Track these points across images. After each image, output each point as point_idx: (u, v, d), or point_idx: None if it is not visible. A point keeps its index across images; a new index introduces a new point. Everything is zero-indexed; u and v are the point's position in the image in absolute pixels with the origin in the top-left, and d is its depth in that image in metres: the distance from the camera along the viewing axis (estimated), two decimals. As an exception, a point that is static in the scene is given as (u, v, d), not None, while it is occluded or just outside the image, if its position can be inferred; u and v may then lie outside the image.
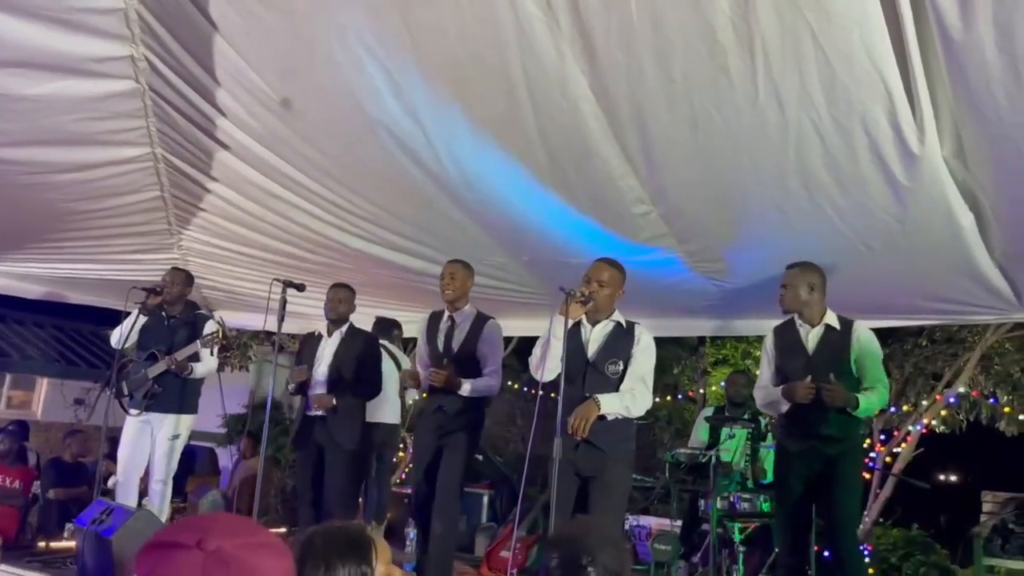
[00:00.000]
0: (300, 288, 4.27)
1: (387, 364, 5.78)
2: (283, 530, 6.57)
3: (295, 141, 4.19)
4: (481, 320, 4.36)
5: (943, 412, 6.88)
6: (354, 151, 4.20)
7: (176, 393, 5.01)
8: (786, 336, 3.85)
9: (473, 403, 4.28)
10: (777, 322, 6.04)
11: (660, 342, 3.72)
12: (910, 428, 6.63)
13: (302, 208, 4.83)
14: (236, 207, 5.04)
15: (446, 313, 4.48)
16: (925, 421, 6.74)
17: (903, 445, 6.63)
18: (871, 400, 3.63)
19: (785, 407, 3.80)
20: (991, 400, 6.85)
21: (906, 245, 3.90)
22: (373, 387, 4.84)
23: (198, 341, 4.93)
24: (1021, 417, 6.76)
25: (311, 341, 4.93)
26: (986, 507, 5.54)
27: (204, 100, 3.98)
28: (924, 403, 6.79)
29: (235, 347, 9.13)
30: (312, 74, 3.71)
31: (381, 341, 5.77)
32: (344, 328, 4.83)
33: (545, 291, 5.51)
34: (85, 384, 10.60)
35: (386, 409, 5.66)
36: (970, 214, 3.62)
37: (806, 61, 2.89)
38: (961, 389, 6.73)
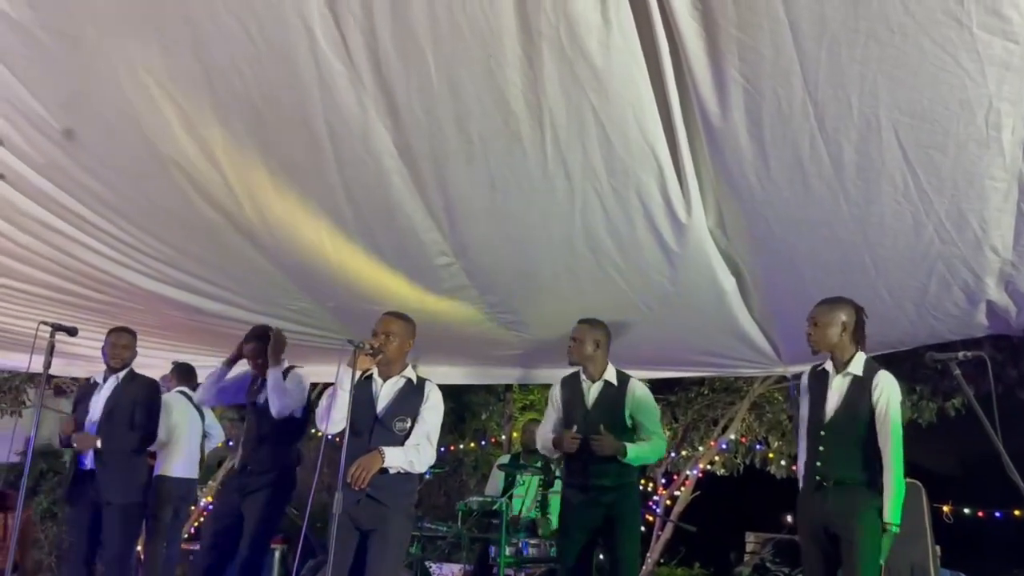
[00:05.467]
0: (72, 332, 3.98)
1: (189, 413, 5.48)
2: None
3: (79, 174, 3.94)
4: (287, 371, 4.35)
5: (717, 457, 7.48)
6: (143, 187, 4.01)
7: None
8: (570, 388, 4.06)
9: (280, 459, 4.16)
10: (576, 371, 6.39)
11: (470, 389, 3.81)
12: (688, 472, 7.14)
13: (85, 244, 4.53)
14: (9, 239, 4.63)
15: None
16: (701, 465, 7.29)
17: (682, 489, 7.12)
18: (643, 449, 3.86)
19: (557, 453, 4.01)
20: (758, 446, 7.54)
21: (680, 305, 4.28)
22: (144, 437, 4.54)
23: None
24: (783, 462, 7.48)
25: (87, 389, 4.62)
26: (749, 547, 6.05)
27: (-25, 126, 3.68)
28: (702, 448, 7.35)
29: (6, 390, 8.31)
30: (98, 105, 3.53)
31: (182, 388, 5.46)
32: (122, 374, 4.55)
33: (352, 337, 5.47)
34: None
35: (184, 462, 5.36)
36: (732, 278, 4.04)
37: (588, 135, 3.15)
38: (732, 436, 7.35)
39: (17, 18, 3.14)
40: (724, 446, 7.38)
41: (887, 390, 3.29)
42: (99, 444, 4.31)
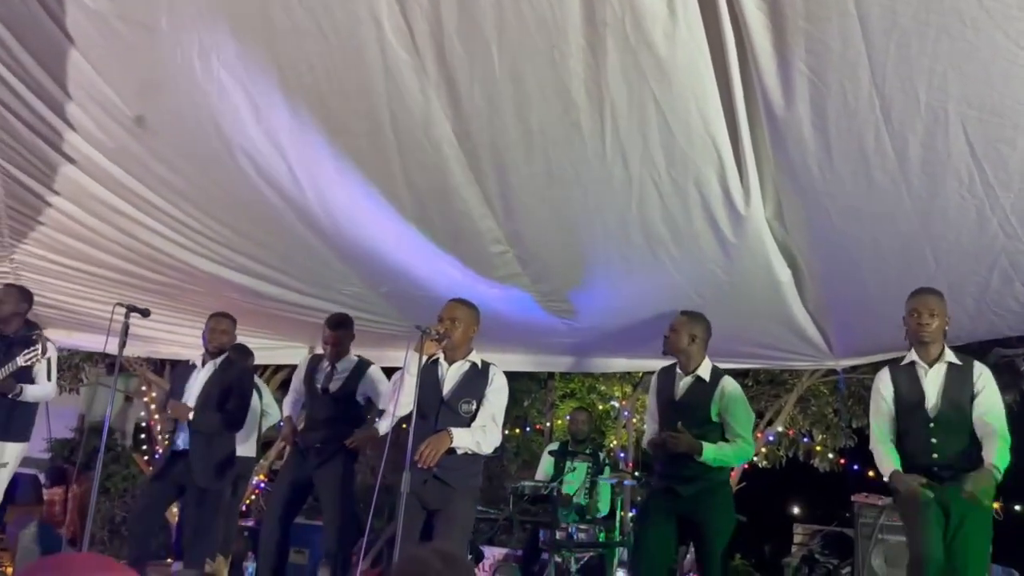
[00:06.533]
0: (145, 314, 4.12)
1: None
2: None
3: (148, 159, 4.08)
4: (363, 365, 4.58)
5: (764, 449, 7.45)
6: (210, 173, 4.13)
7: (2, 417, 4.65)
8: (664, 380, 4.01)
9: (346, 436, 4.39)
10: (624, 361, 6.41)
11: (512, 376, 3.85)
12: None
13: (150, 227, 4.67)
14: (79, 223, 4.80)
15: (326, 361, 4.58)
16: (748, 457, 7.26)
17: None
18: (724, 452, 3.73)
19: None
20: (805, 439, 7.49)
21: (733, 295, 4.27)
22: (235, 421, 4.66)
23: (18, 358, 4.60)
24: (831, 456, 7.43)
25: (183, 371, 4.77)
26: (797, 539, 6.04)
27: (52, 112, 3.81)
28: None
29: (65, 368, 8.57)
30: (170, 93, 3.64)
31: None
32: (220, 359, 4.68)
33: (402, 322, 5.57)
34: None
35: (243, 441, 5.47)
36: (788, 270, 4.03)
37: (649, 124, 3.17)
38: (779, 428, 7.31)
39: (94, 8, 3.25)
40: (771, 438, 7.35)
41: (987, 375, 3.35)
42: (191, 416, 4.43)
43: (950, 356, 3.39)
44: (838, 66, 2.75)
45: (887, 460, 3.42)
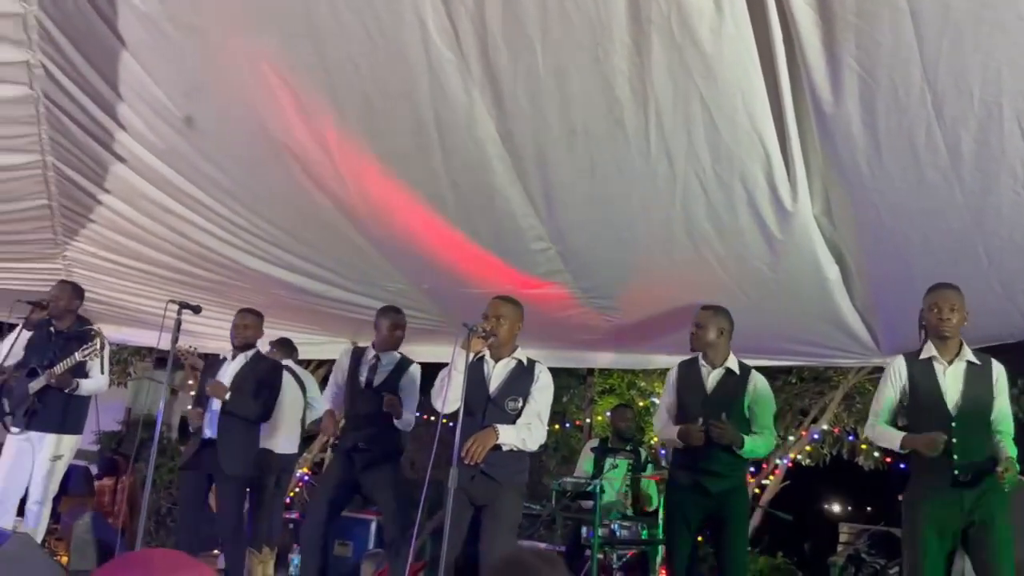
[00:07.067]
0: (196, 310, 4.22)
1: (292, 388, 5.60)
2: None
3: (197, 159, 4.16)
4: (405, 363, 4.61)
5: (808, 448, 7.36)
6: (257, 173, 4.20)
7: (58, 411, 4.80)
8: (689, 373, 4.00)
9: (391, 434, 4.45)
10: (665, 357, 6.37)
11: (551, 371, 3.87)
12: (777, 461, 7.05)
13: (199, 226, 4.77)
14: (129, 220, 4.92)
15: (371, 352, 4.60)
16: (791, 455, 7.18)
17: (771, 477, 7.04)
18: (757, 443, 3.80)
19: (680, 444, 3.93)
20: (850, 437, 7.38)
21: (778, 292, 4.23)
22: (262, 411, 4.76)
23: (76, 353, 4.75)
24: (876, 454, 7.32)
25: (214, 364, 4.86)
26: (843, 537, 5.99)
27: (104, 112, 3.90)
28: (791, 438, 7.23)
29: (114, 362, 8.77)
30: (219, 95, 3.72)
31: (286, 362, 5.63)
32: (250, 353, 4.78)
33: (444, 318, 5.61)
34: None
35: (287, 437, 5.55)
36: (836, 267, 3.97)
37: (694, 121, 3.14)
38: (825, 426, 7.21)
39: (145, 11, 3.32)
40: (816, 436, 7.26)
41: (1004, 377, 3.34)
42: (227, 396, 4.52)
43: (969, 354, 3.34)
44: (888, 62, 2.69)
45: (890, 432, 3.46)
